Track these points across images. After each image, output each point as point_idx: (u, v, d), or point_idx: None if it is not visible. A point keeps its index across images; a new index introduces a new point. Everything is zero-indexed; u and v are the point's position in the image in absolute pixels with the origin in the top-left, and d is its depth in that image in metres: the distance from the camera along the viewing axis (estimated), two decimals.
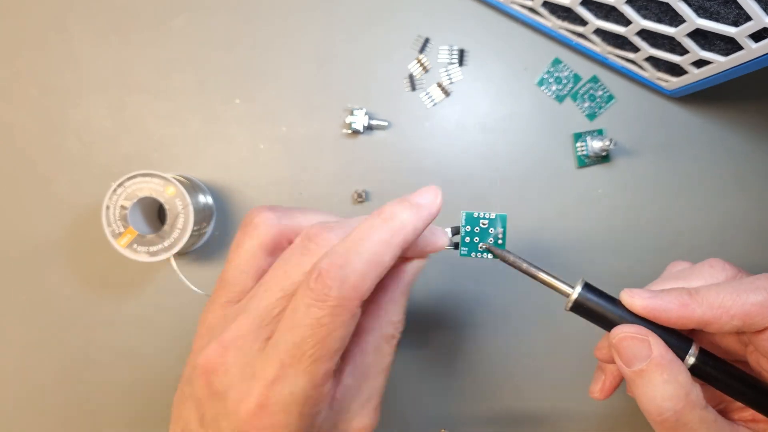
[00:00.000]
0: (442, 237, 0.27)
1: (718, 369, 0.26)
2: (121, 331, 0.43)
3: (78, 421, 0.44)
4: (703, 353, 0.26)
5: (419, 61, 0.42)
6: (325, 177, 0.42)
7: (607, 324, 0.26)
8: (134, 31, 0.42)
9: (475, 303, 0.42)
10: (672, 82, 0.37)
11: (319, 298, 0.21)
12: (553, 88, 0.41)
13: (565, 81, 0.41)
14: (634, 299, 0.25)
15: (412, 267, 0.26)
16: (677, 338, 0.26)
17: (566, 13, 0.37)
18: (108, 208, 0.38)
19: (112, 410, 0.44)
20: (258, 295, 0.22)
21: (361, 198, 0.41)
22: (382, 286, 0.25)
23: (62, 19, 0.43)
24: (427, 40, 0.42)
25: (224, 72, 0.42)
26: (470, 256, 0.29)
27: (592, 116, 0.41)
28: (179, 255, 0.41)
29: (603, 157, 0.41)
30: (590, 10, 0.35)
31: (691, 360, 0.25)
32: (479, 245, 0.28)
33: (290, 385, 0.21)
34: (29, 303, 0.43)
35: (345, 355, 0.24)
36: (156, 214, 0.42)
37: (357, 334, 0.25)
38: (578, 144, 0.41)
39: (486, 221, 0.28)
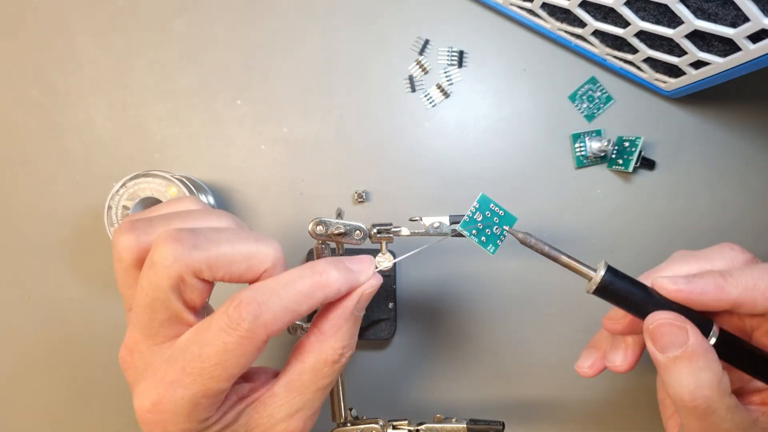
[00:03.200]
0: (366, 270, 0.27)
1: (739, 348, 0.26)
2: (122, 330, 0.43)
3: (79, 421, 0.44)
4: (723, 333, 0.26)
5: (419, 62, 0.42)
6: (325, 177, 0.42)
7: (630, 306, 0.26)
8: (136, 32, 0.43)
9: (473, 291, 0.42)
10: (670, 83, 0.38)
11: (232, 325, 0.23)
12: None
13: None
14: (669, 283, 0.26)
15: (355, 294, 0.26)
16: (699, 318, 0.26)
17: (565, 15, 0.38)
18: (110, 208, 0.38)
19: (113, 409, 0.44)
20: (135, 310, 0.25)
21: (361, 198, 0.42)
22: (325, 312, 0.26)
23: (64, 20, 0.43)
24: (426, 42, 0.42)
25: (225, 73, 0.42)
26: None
27: (590, 117, 0.41)
28: None
29: (601, 158, 0.41)
30: (589, 11, 0.35)
31: (713, 340, 0.26)
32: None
33: (184, 390, 0.23)
34: (32, 303, 0.43)
35: (286, 367, 0.27)
36: None
37: (299, 352, 0.26)
38: (577, 144, 0.41)
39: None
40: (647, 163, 0.41)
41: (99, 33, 0.43)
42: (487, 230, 0.29)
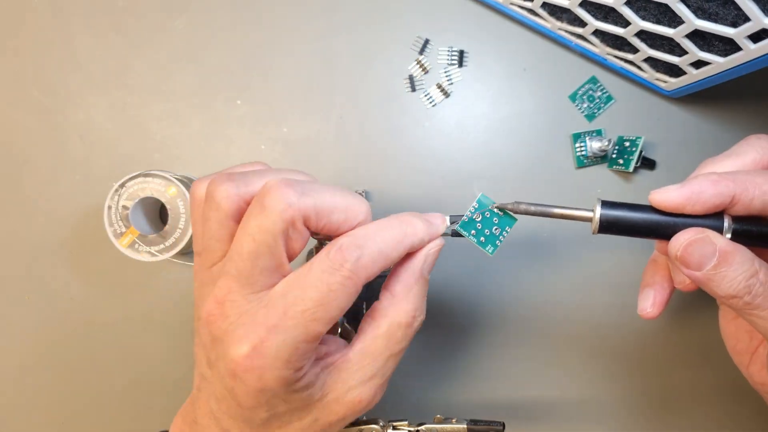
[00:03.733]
0: (440, 224, 0.28)
1: (755, 227, 0.26)
2: (123, 330, 0.43)
3: (80, 421, 0.44)
4: (736, 220, 0.26)
5: (419, 62, 0.42)
6: (325, 177, 0.42)
7: (642, 232, 0.26)
8: (136, 32, 0.43)
9: (472, 291, 0.42)
10: (671, 83, 0.37)
11: (335, 266, 0.24)
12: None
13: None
14: (667, 193, 0.26)
15: (422, 253, 0.27)
16: (710, 220, 0.26)
17: (565, 14, 0.38)
18: (110, 208, 0.38)
19: (114, 409, 0.44)
20: (233, 258, 0.24)
21: None
22: (396, 274, 0.27)
23: (64, 20, 0.43)
24: (426, 41, 0.42)
25: (225, 73, 0.42)
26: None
27: (591, 117, 0.41)
28: (181, 254, 0.41)
29: (602, 158, 0.41)
30: (589, 11, 0.35)
31: (728, 235, 0.26)
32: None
33: (285, 333, 0.23)
34: (32, 303, 0.43)
35: (359, 334, 0.27)
36: (158, 214, 0.42)
37: (373, 317, 0.27)
38: (577, 144, 0.41)
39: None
40: (648, 163, 0.41)
41: (99, 33, 0.43)
42: (486, 230, 0.29)
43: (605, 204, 0.26)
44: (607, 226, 0.26)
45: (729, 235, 0.26)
